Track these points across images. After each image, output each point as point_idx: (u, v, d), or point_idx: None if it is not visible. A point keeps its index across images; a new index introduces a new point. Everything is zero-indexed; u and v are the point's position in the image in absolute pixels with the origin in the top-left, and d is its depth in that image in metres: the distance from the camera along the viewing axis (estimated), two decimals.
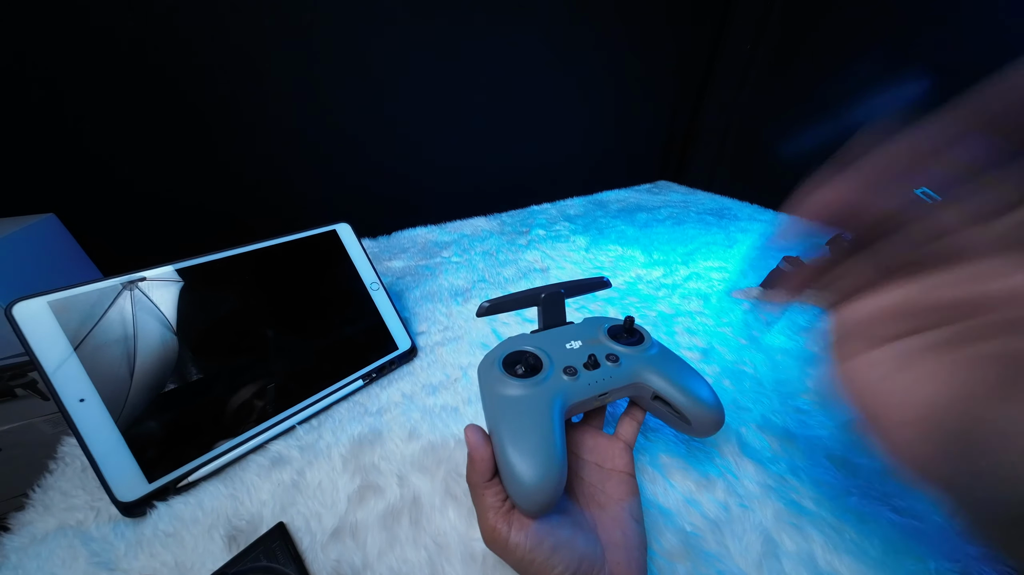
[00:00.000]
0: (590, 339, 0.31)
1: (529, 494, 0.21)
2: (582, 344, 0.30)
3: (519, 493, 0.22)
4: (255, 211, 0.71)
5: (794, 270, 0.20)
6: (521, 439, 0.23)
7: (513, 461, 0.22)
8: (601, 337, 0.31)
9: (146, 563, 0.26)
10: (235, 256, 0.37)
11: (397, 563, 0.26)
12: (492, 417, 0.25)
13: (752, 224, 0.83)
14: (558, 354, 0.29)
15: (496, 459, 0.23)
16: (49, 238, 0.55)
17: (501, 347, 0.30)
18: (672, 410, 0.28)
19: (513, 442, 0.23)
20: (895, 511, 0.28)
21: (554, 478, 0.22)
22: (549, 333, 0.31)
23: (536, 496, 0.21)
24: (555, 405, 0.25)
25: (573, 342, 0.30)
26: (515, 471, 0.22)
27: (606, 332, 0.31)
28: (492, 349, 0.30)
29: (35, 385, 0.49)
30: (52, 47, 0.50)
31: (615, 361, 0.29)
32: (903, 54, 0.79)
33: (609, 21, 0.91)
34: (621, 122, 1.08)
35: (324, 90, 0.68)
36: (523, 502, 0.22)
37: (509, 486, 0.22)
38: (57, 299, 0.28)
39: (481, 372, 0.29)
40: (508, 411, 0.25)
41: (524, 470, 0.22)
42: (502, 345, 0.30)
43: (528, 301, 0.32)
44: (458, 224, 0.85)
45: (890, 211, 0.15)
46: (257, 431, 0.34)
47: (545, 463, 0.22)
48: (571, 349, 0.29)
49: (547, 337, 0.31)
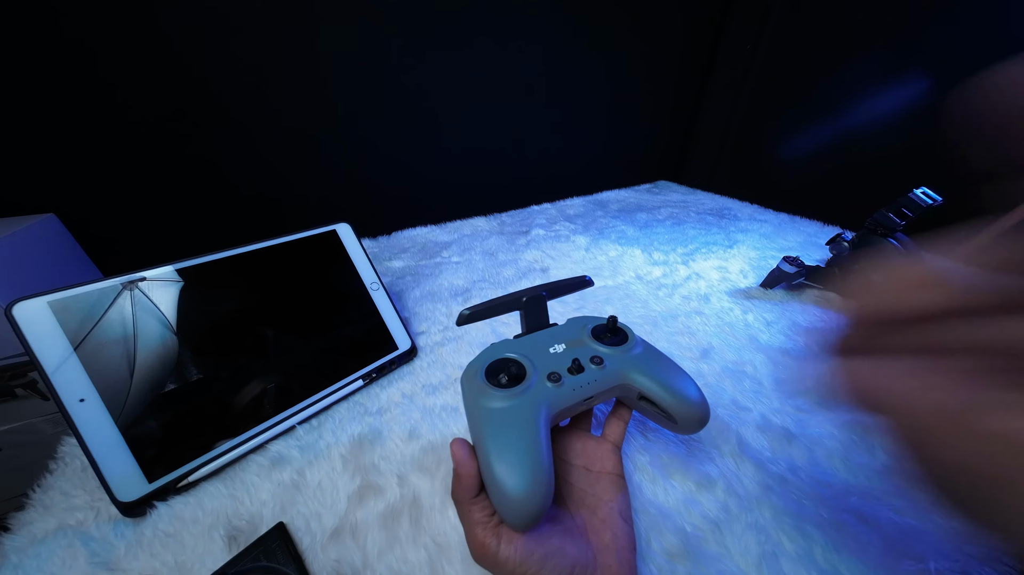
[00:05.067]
0: (573, 341, 0.30)
1: (516, 509, 0.21)
2: (566, 347, 0.29)
3: (506, 508, 0.21)
4: (255, 211, 0.71)
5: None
6: (506, 453, 0.23)
7: (499, 476, 0.22)
8: (585, 338, 0.30)
9: (146, 563, 0.26)
10: (235, 256, 0.37)
11: (397, 563, 0.26)
12: (476, 430, 0.25)
13: (752, 224, 0.83)
14: (541, 360, 0.28)
15: (482, 474, 0.23)
16: (49, 238, 0.55)
17: (483, 356, 0.29)
18: (658, 409, 0.28)
19: (499, 456, 0.22)
20: (895, 511, 0.28)
21: (541, 492, 0.22)
22: (532, 337, 0.31)
23: (524, 511, 0.21)
24: (540, 414, 0.25)
25: (557, 346, 0.29)
26: (501, 486, 0.21)
27: (590, 333, 0.31)
28: (474, 358, 0.29)
29: (35, 385, 0.49)
30: (52, 47, 0.50)
31: (600, 363, 0.28)
32: (903, 54, 0.79)
33: (609, 22, 0.91)
34: (621, 122, 1.08)
35: (324, 90, 0.68)
36: (511, 517, 0.21)
37: (496, 501, 0.22)
38: (57, 299, 0.28)
39: (464, 383, 0.28)
40: (492, 424, 0.24)
41: (511, 485, 0.21)
42: (485, 353, 0.29)
43: (509, 306, 0.31)
44: (458, 224, 0.85)
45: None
46: (257, 431, 0.34)
47: (531, 477, 0.22)
48: (555, 353, 0.29)
49: (530, 342, 0.30)
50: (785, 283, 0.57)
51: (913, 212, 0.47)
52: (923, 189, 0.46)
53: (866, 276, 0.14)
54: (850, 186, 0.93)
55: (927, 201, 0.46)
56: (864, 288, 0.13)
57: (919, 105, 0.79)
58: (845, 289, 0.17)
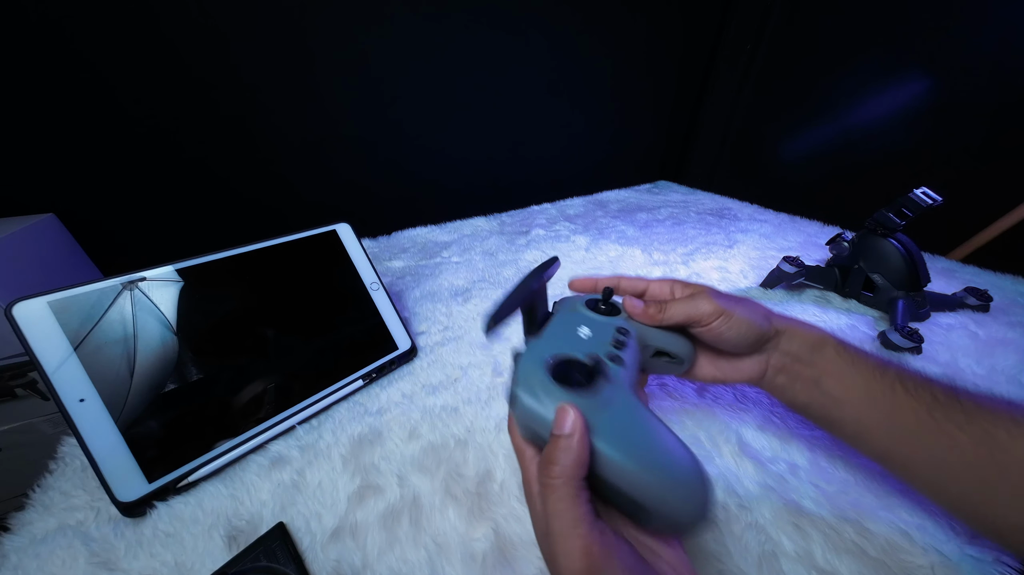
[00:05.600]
0: (588, 320, 0.28)
1: (695, 496, 0.18)
2: (589, 329, 0.27)
3: (681, 502, 0.18)
4: (255, 211, 0.71)
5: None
6: (647, 442, 0.19)
7: (662, 467, 0.18)
8: (593, 315, 0.29)
9: (146, 563, 0.26)
10: (235, 256, 0.37)
11: (397, 563, 0.26)
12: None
13: (752, 224, 0.83)
14: (587, 348, 0.25)
15: (619, 485, 0.18)
16: (49, 238, 0.55)
17: (528, 369, 0.22)
18: (670, 358, 0.29)
19: (645, 450, 0.19)
20: (895, 511, 0.28)
21: (705, 474, 0.19)
22: (553, 328, 0.27)
23: (704, 497, 0.18)
24: (635, 397, 0.22)
25: (580, 329, 0.27)
26: (671, 476, 0.18)
27: (589, 309, 0.29)
28: (518, 379, 0.22)
29: (35, 385, 0.49)
30: (52, 47, 0.50)
31: (627, 334, 0.27)
32: (903, 54, 0.79)
33: (609, 21, 0.91)
34: (621, 122, 1.08)
35: (324, 90, 0.68)
36: (687, 509, 0.18)
37: (661, 501, 0.18)
38: (57, 299, 0.28)
39: (526, 406, 0.21)
40: (611, 426, 0.20)
41: (681, 470, 0.18)
42: (526, 367, 0.23)
43: (522, 295, 0.27)
44: (458, 224, 0.85)
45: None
46: (257, 431, 0.34)
47: (690, 457, 0.19)
48: (587, 338, 0.26)
49: (560, 334, 0.26)
50: (785, 283, 0.57)
51: (913, 212, 0.47)
52: (923, 189, 0.46)
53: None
54: (850, 186, 0.93)
55: (927, 201, 0.46)
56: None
57: (919, 105, 0.79)
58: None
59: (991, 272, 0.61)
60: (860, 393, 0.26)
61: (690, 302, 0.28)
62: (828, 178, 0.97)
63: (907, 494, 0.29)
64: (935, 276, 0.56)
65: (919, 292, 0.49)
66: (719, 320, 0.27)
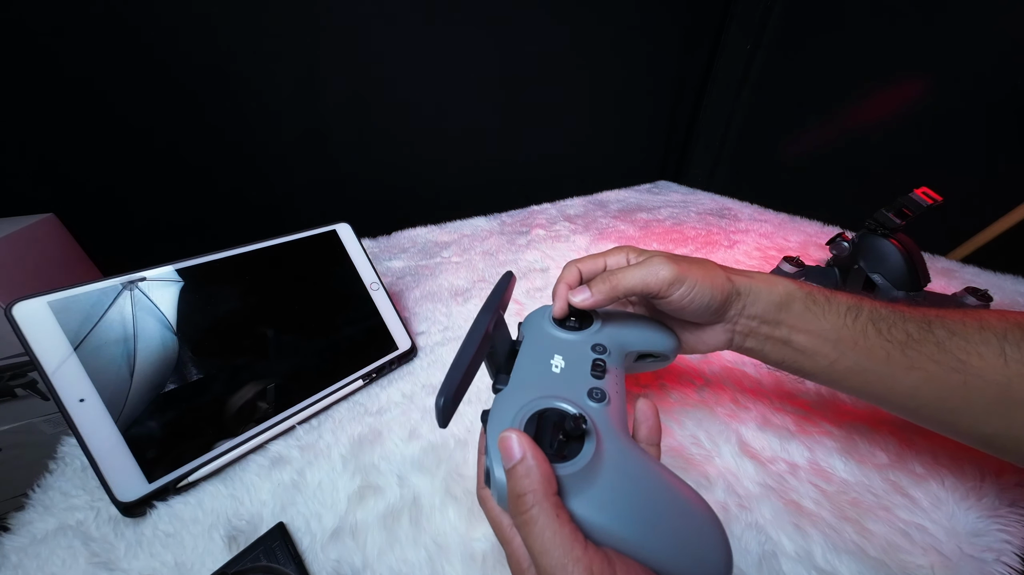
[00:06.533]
0: (559, 345, 0.25)
1: (717, 546, 0.17)
2: (563, 358, 0.24)
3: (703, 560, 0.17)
4: (255, 211, 0.71)
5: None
6: (661, 504, 0.17)
7: (670, 544, 0.17)
8: (564, 336, 0.26)
9: (146, 563, 0.26)
10: (235, 256, 0.37)
11: (397, 563, 0.26)
12: (590, 519, 0.17)
13: (752, 224, 0.83)
14: (565, 388, 0.21)
15: (619, 550, 0.16)
16: (49, 238, 0.55)
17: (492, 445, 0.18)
18: (654, 357, 0.28)
19: (648, 526, 0.17)
20: (895, 511, 0.28)
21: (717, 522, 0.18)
22: (522, 368, 0.23)
23: (723, 548, 0.17)
24: (628, 441, 0.20)
25: (554, 360, 0.23)
26: (682, 556, 0.17)
27: (557, 328, 0.26)
28: (490, 445, 0.18)
29: (35, 385, 0.49)
30: (52, 47, 0.50)
31: (604, 351, 0.25)
32: (903, 54, 0.79)
33: (609, 21, 0.91)
34: (621, 122, 1.08)
35: (325, 90, 0.68)
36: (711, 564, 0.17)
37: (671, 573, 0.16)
38: (57, 299, 0.28)
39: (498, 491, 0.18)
40: (611, 501, 0.17)
41: (693, 544, 0.17)
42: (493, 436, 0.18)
43: (475, 355, 0.21)
44: (458, 224, 0.85)
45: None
46: (257, 431, 0.34)
47: (704, 509, 0.18)
48: (561, 371, 0.23)
49: (529, 375, 0.23)
50: None
51: (913, 212, 0.47)
52: (923, 189, 0.46)
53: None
54: (850, 186, 0.93)
55: (927, 201, 0.46)
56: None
57: (919, 105, 0.79)
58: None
59: (991, 272, 0.61)
60: (832, 343, 0.26)
61: (645, 267, 0.26)
62: (828, 178, 0.97)
63: (907, 494, 0.29)
64: (935, 276, 0.56)
65: (919, 292, 0.49)
66: (681, 290, 0.25)
